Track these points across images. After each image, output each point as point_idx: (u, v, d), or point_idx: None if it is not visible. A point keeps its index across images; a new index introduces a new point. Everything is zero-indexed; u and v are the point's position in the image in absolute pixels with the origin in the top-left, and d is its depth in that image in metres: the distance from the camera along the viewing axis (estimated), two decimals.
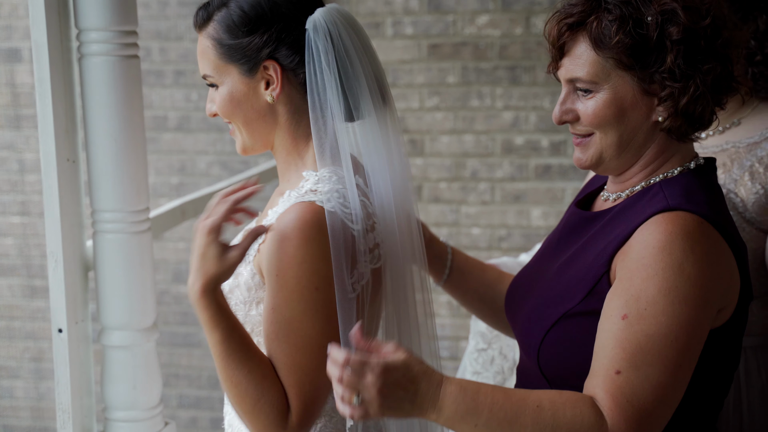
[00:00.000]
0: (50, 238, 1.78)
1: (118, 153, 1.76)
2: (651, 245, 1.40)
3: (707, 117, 1.48)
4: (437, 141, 3.63)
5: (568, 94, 1.52)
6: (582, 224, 1.59)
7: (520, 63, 3.52)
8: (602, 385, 1.37)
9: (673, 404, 1.39)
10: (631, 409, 1.35)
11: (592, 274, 1.47)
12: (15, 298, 4.15)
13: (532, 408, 1.36)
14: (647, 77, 1.45)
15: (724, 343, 1.49)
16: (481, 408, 1.35)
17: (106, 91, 1.74)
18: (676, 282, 1.37)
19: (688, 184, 1.49)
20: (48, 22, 1.72)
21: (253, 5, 1.51)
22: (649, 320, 1.36)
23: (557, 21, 1.50)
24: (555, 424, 1.35)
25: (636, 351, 1.36)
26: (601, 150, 1.52)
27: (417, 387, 1.35)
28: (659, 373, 1.35)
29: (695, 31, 1.43)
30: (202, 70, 1.56)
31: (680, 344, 1.36)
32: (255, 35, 1.51)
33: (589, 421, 1.35)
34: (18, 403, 4.24)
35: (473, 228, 3.64)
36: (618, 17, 1.44)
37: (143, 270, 1.83)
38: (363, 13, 3.60)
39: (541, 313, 1.53)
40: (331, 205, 1.47)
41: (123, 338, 1.83)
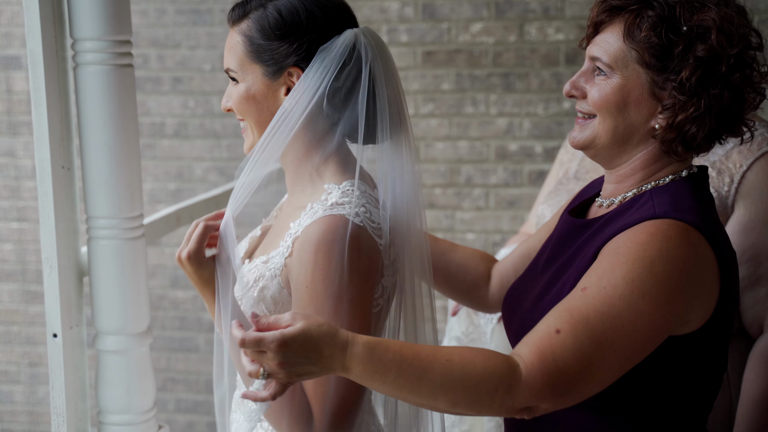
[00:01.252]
0: (45, 244, 1.81)
1: (113, 160, 1.78)
2: (630, 240, 1.43)
3: (699, 141, 1.49)
4: (432, 147, 3.65)
5: (586, 72, 1.55)
6: (575, 232, 1.61)
7: (513, 70, 3.55)
8: (536, 340, 1.38)
9: (593, 386, 1.39)
10: (554, 366, 1.36)
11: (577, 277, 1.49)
12: (13, 303, 4.17)
13: (441, 362, 1.35)
14: (660, 81, 1.48)
15: (707, 347, 1.50)
16: (389, 366, 1.34)
17: (100, 100, 1.76)
18: (642, 275, 1.39)
19: (678, 192, 1.51)
20: (43, 31, 1.74)
21: (291, 11, 1.53)
22: (605, 299, 1.39)
23: (603, 1, 1.54)
24: (464, 376, 1.34)
25: (581, 320, 1.38)
26: (595, 134, 1.54)
27: (319, 353, 1.34)
28: (594, 349, 1.37)
29: (720, 55, 1.45)
30: (227, 64, 1.58)
31: (624, 332, 1.38)
32: (287, 41, 1.53)
33: (500, 371, 1.35)
34: (17, 407, 4.25)
35: (468, 233, 3.67)
36: (657, 15, 1.47)
37: (137, 276, 1.86)
38: (358, 20, 3.62)
39: (533, 320, 1.54)
40: (360, 220, 1.49)
41: (117, 343, 1.85)
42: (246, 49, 1.54)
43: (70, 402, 1.86)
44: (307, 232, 1.49)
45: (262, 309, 1.54)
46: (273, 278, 1.52)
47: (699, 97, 1.46)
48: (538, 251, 1.74)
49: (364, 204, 1.52)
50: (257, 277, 1.55)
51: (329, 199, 1.52)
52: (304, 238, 1.48)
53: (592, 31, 1.57)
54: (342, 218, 1.48)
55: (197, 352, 4.00)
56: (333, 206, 1.50)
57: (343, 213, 1.49)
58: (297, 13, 1.53)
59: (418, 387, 1.35)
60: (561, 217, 1.72)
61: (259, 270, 1.55)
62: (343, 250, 1.46)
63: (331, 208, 1.50)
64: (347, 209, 1.49)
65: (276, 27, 1.52)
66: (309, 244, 1.47)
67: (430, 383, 1.34)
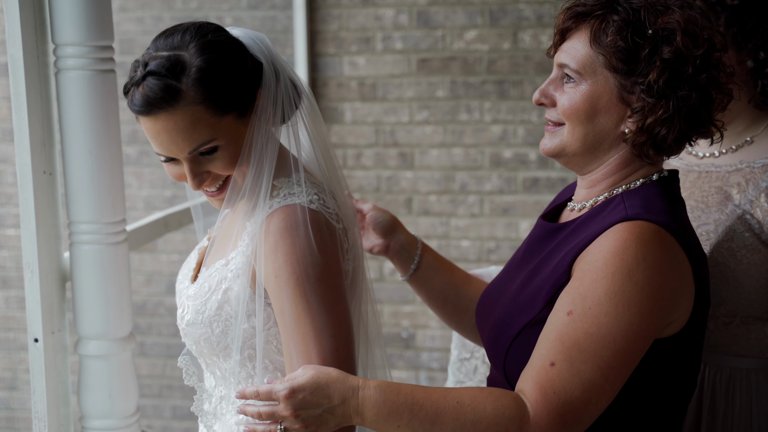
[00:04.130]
0: (26, 249, 1.81)
1: (94, 165, 1.79)
2: (606, 249, 1.43)
3: (670, 142, 1.49)
4: (426, 154, 3.65)
5: (555, 80, 1.56)
6: (547, 236, 1.62)
7: (508, 77, 3.55)
8: (534, 376, 1.38)
9: (601, 405, 1.40)
10: (557, 401, 1.36)
11: (553, 283, 1.49)
12: (10, 310, 4.18)
13: (452, 405, 1.37)
14: (628, 85, 1.48)
15: (682, 351, 1.50)
16: (401, 409, 1.36)
17: (82, 105, 1.76)
18: (623, 286, 1.39)
19: (648, 194, 1.52)
20: (24, 36, 1.74)
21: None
22: (591, 319, 1.39)
23: (569, 7, 1.55)
24: (475, 419, 1.36)
25: (573, 346, 1.38)
26: (565, 143, 1.54)
27: (330, 400, 1.36)
28: (592, 371, 1.37)
29: (686, 57, 1.46)
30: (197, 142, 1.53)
31: (617, 347, 1.38)
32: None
33: (510, 413, 1.36)
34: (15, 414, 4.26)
35: (462, 240, 3.66)
36: (622, 20, 1.48)
37: (120, 281, 1.86)
38: (353, 28, 3.63)
39: (506, 324, 1.55)
40: (315, 206, 1.50)
41: (99, 348, 1.85)
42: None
43: (51, 407, 1.86)
44: (266, 225, 1.49)
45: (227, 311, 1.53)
46: (236, 278, 1.52)
47: (667, 98, 1.46)
48: (512, 256, 1.74)
49: (316, 192, 1.53)
50: (219, 280, 1.55)
51: (280, 192, 1.52)
52: (266, 231, 1.48)
53: (558, 38, 1.58)
54: (298, 206, 1.49)
55: None
56: (286, 197, 1.51)
57: (297, 202, 1.49)
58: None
59: (431, 429, 1.36)
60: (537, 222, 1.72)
61: (220, 273, 1.55)
62: (305, 233, 1.46)
63: (284, 199, 1.50)
64: (301, 198, 1.50)
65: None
66: (270, 234, 1.47)
67: (442, 426, 1.36)
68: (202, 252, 1.72)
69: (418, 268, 1.81)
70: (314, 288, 1.45)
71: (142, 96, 1.45)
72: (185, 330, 1.59)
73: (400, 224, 1.82)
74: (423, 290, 1.84)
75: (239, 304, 1.52)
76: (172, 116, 1.46)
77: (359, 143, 3.67)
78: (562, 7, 1.57)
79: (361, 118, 3.68)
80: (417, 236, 1.84)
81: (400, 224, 1.82)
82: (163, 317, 4.04)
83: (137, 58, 1.53)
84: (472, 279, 1.86)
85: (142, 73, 1.46)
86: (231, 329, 1.53)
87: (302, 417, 1.36)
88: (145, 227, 2.30)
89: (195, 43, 1.48)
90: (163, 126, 1.46)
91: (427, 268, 1.82)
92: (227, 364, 1.57)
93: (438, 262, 1.84)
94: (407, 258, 1.82)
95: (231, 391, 1.60)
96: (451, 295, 1.83)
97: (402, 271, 1.83)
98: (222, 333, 1.54)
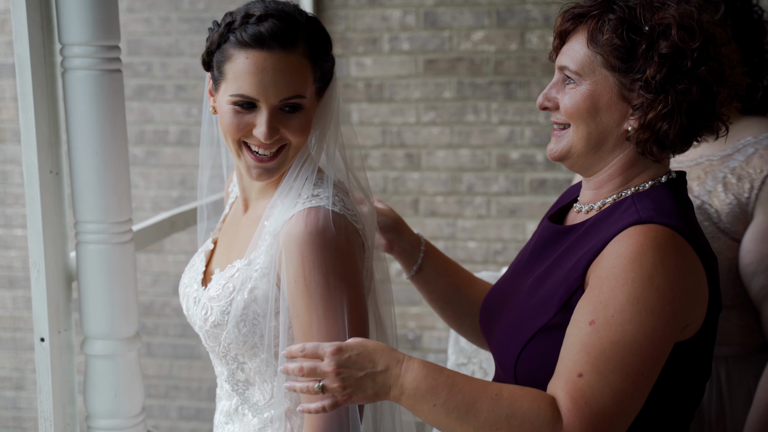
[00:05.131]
0: (32, 248, 1.81)
1: (101, 165, 1.79)
2: (622, 255, 1.42)
3: (672, 138, 1.49)
4: (433, 155, 3.65)
5: (557, 83, 1.56)
6: (555, 238, 1.61)
7: (515, 78, 3.54)
8: (563, 386, 1.38)
9: (632, 412, 1.40)
10: (589, 411, 1.36)
11: (566, 288, 1.49)
12: (18, 310, 4.19)
13: (491, 395, 1.38)
14: (628, 83, 1.48)
15: (694, 355, 1.50)
16: (441, 388, 1.37)
17: (88, 105, 1.77)
18: (644, 292, 1.39)
19: (659, 197, 1.51)
20: (31, 36, 1.75)
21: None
22: (615, 327, 1.38)
23: (566, 10, 1.56)
24: (510, 414, 1.37)
25: (600, 356, 1.37)
26: (571, 144, 1.54)
27: (375, 364, 1.38)
28: (621, 379, 1.37)
29: (683, 50, 1.46)
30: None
31: (644, 353, 1.38)
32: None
33: (545, 416, 1.36)
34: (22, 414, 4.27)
35: (469, 242, 3.66)
36: (617, 18, 1.48)
37: (126, 280, 1.86)
38: (360, 28, 3.64)
39: (517, 327, 1.54)
40: (338, 208, 1.51)
41: (105, 347, 1.85)
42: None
43: (57, 406, 1.86)
44: (289, 227, 1.49)
45: (254, 310, 1.54)
46: (262, 277, 1.53)
47: (666, 93, 1.46)
48: (516, 258, 1.73)
49: (337, 193, 1.53)
50: (243, 280, 1.55)
51: (302, 193, 1.52)
52: (288, 233, 1.49)
53: (558, 42, 1.58)
54: (321, 209, 1.49)
55: (200, 359, 4.00)
56: (310, 198, 1.51)
57: (321, 204, 1.49)
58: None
59: (466, 414, 1.37)
60: (541, 223, 1.71)
61: (243, 273, 1.55)
62: (328, 239, 1.47)
63: (308, 201, 1.51)
64: (324, 200, 1.50)
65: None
66: (293, 238, 1.48)
67: (477, 414, 1.36)
68: (208, 255, 1.72)
69: (421, 269, 1.81)
70: (334, 295, 1.46)
71: (267, 30, 1.49)
72: (210, 332, 1.59)
73: (403, 224, 1.82)
74: (425, 291, 1.84)
75: (267, 303, 1.53)
76: (286, 57, 1.50)
77: (366, 144, 3.66)
78: (560, 10, 1.57)
79: (367, 119, 3.68)
80: (421, 236, 1.84)
81: (404, 224, 1.82)
82: (169, 318, 4.04)
83: (231, 11, 1.56)
84: (476, 281, 1.85)
85: (263, 13, 1.50)
86: (257, 328, 1.54)
87: (343, 376, 1.37)
88: (152, 227, 2.30)
89: (305, 13, 1.56)
90: (274, 64, 1.50)
91: (429, 270, 1.82)
92: (253, 363, 1.57)
93: (441, 264, 1.83)
94: (410, 258, 1.81)
95: (253, 392, 1.60)
96: (453, 298, 1.82)
97: (405, 270, 1.84)
98: (249, 332, 1.55)
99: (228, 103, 1.54)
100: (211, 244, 1.74)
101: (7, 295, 4.19)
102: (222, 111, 1.56)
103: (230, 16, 1.54)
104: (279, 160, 1.55)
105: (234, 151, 1.57)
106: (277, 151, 1.56)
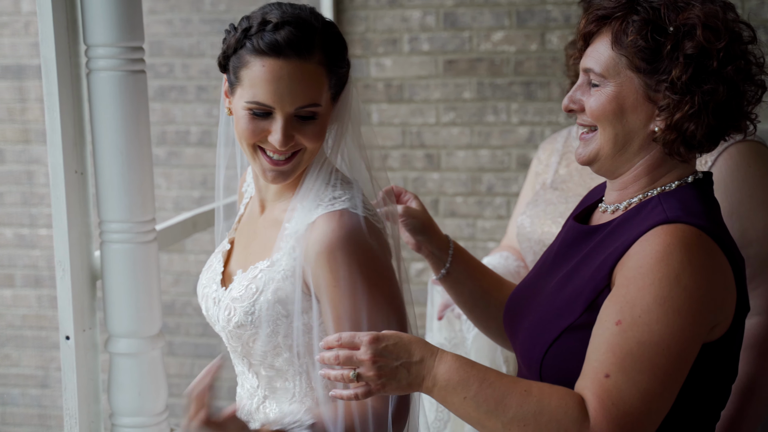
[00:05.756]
0: (58, 248, 1.83)
1: (125, 165, 1.81)
2: (649, 255, 1.41)
3: (699, 138, 1.48)
4: (453, 156, 3.65)
5: (581, 85, 1.55)
6: (581, 238, 1.60)
7: (535, 79, 3.54)
8: (590, 387, 1.38)
9: (660, 412, 1.39)
10: (616, 412, 1.36)
11: (592, 288, 1.48)
12: (42, 309, 4.23)
13: (520, 391, 1.39)
14: (653, 84, 1.47)
15: (721, 356, 1.49)
16: (472, 381, 1.40)
17: (113, 105, 1.78)
18: (672, 292, 1.38)
19: (685, 197, 1.50)
20: (56, 37, 1.77)
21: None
22: (643, 328, 1.38)
23: (590, 12, 1.55)
24: (538, 411, 1.37)
25: (627, 356, 1.37)
26: (599, 147, 1.54)
27: (410, 355, 1.41)
28: (648, 380, 1.37)
29: (708, 50, 1.45)
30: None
31: (672, 353, 1.37)
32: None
33: (572, 415, 1.36)
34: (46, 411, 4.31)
35: (489, 242, 3.66)
36: (642, 20, 1.47)
37: (149, 279, 1.88)
38: (380, 29, 3.65)
39: (542, 327, 1.54)
40: (359, 210, 1.52)
41: (129, 346, 1.87)
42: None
43: (82, 404, 1.88)
44: (316, 233, 1.50)
45: (278, 310, 1.55)
46: (285, 279, 1.54)
47: (692, 94, 1.45)
48: (541, 258, 1.73)
49: (357, 195, 1.55)
50: (266, 281, 1.56)
51: (323, 196, 1.54)
52: (317, 239, 1.50)
53: (582, 44, 1.57)
54: (346, 211, 1.50)
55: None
56: (331, 201, 1.52)
57: (345, 207, 1.50)
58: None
59: (495, 409, 1.38)
60: (566, 223, 1.71)
61: (266, 274, 1.56)
62: (359, 240, 1.48)
63: (331, 203, 1.52)
64: (346, 202, 1.51)
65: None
66: (322, 244, 1.49)
67: (506, 409, 1.38)
68: (225, 255, 1.73)
69: (449, 272, 1.81)
70: (373, 293, 1.48)
71: (283, 38, 1.49)
72: (233, 332, 1.60)
73: (432, 227, 1.80)
74: (453, 292, 1.84)
75: (289, 304, 1.54)
76: (302, 66, 1.51)
77: (386, 145, 3.67)
78: (583, 11, 1.57)
79: (387, 120, 3.69)
80: (450, 239, 1.83)
81: (433, 226, 1.80)
82: (191, 317, 4.07)
83: (248, 15, 1.56)
84: (503, 284, 1.85)
85: (280, 20, 1.50)
86: (280, 328, 1.55)
87: (379, 365, 1.40)
88: (174, 227, 2.32)
89: (321, 18, 1.55)
90: (290, 72, 1.50)
91: (457, 273, 1.81)
92: (276, 362, 1.59)
93: (470, 267, 1.83)
94: (438, 261, 1.81)
95: (276, 390, 1.62)
96: (481, 300, 1.82)
97: (434, 271, 1.84)
98: (272, 332, 1.56)
99: (243, 109, 1.55)
100: (227, 245, 1.75)
101: (31, 294, 4.23)
102: (237, 115, 1.57)
103: (246, 22, 1.54)
104: (294, 164, 1.56)
105: (249, 155, 1.59)
106: (292, 155, 1.57)
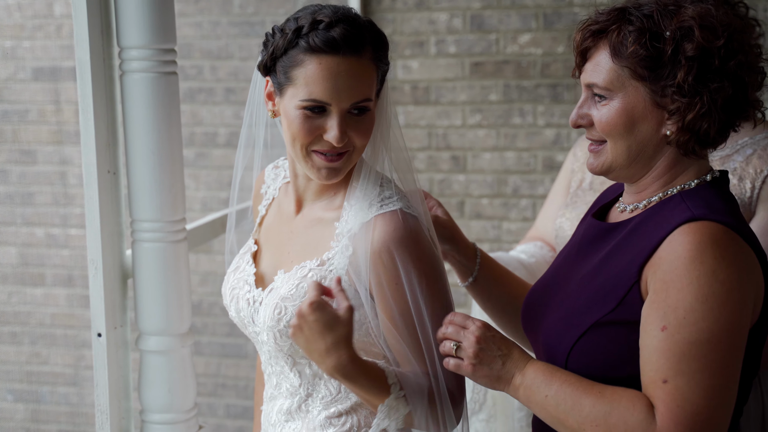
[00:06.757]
0: (91, 247, 1.86)
1: (156, 165, 1.84)
2: (682, 256, 1.42)
3: (713, 135, 1.50)
4: (479, 158, 3.66)
5: (586, 100, 1.56)
6: (601, 235, 1.61)
7: (561, 81, 3.54)
8: (652, 394, 1.41)
9: (728, 407, 1.41)
10: (682, 413, 1.38)
11: (622, 284, 1.49)
12: (72, 308, 4.28)
13: (595, 393, 1.46)
14: (659, 90, 1.48)
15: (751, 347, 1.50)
16: (554, 380, 1.49)
17: (145, 106, 1.81)
18: (711, 288, 1.40)
19: (707, 195, 1.52)
20: (91, 40, 1.80)
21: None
22: (690, 328, 1.40)
23: (583, 27, 1.56)
24: (607, 412, 1.43)
25: (680, 359, 1.39)
26: (611, 159, 1.55)
27: (510, 352, 1.53)
28: (707, 377, 1.39)
29: (709, 50, 1.46)
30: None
31: (723, 346, 1.40)
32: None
33: (640, 416, 1.41)
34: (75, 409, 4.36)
35: (515, 244, 3.65)
36: (637, 29, 1.48)
37: (179, 278, 1.90)
38: (407, 32, 3.66)
39: (567, 323, 1.55)
40: (410, 210, 1.57)
41: (159, 343, 1.90)
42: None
43: (113, 400, 1.91)
44: (375, 234, 1.53)
45: None
46: (359, 286, 1.57)
47: (700, 94, 1.47)
48: (559, 255, 1.74)
49: (403, 195, 1.59)
50: (318, 279, 1.58)
51: (373, 196, 1.57)
52: (377, 240, 1.53)
53: (580, 59, 1.57)
54: (400, 212, 1.55)
55: (247, 358, 4.05)
56: (383, 201, 1.56)
57: (397, 207, 1.55)
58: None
59: (572, 408, 1.46)
60: (583, 220, 1.72)
61: (317, 273, 1.58)
62: (417, 239, 1.54)
63: (383, 204, 1.56)
64: (400, 203, 1.56)
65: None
66: (384, 243, 1.53)
67: (581, 408, 1.45)
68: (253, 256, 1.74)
69: (476, 280, 1.83)
70: (436, 288, 1.56)
71: (339, 35, 1.52)
72: (283, 330, 1.60)
73: (458, 235, 1.81)
74: (479, 299, 1.85)
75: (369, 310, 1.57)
76: (358, 62, 1.54)
77: (412, 146, 3.69)
78: (576, 28, 1.58)
79: (414, 122, 3.70)
80: (476, 247, 1.84)
81: (459, 235, 1.81)
82: (217, 317, 4.10)
83: (294, 17, 1.58)
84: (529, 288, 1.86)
85: (332, 19, 1.53)
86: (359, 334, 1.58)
87: (482, 346, 1.51)
88: (203, 227, 2.35)
89: (361, 16, 1.59)
90: (347, 69, 1.53)
91: (484, 281, 1.83)
92: None
93: (497, 275, 1.84)
94: (465, 270, 1.82)
95: (320, 388, 1.64)
96: (508, 306, 1.84)
97: (460, 279, 1.85)
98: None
99: (297, 108, 1.55)
100: (254, 246, 1.76)
101: (61, 293, 4.28)
102: (290, 116, 1.57)
103: (296, 22, 1.56)
104: (344, 160, 1.58)
105: (301, 156, 1.59)
106: (343, 153, 1.59)
